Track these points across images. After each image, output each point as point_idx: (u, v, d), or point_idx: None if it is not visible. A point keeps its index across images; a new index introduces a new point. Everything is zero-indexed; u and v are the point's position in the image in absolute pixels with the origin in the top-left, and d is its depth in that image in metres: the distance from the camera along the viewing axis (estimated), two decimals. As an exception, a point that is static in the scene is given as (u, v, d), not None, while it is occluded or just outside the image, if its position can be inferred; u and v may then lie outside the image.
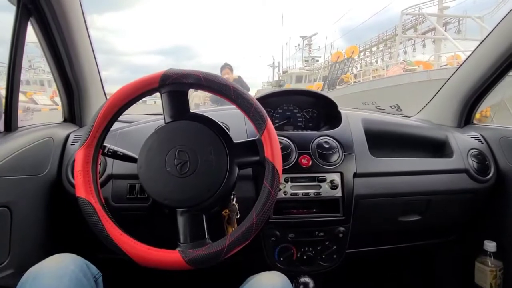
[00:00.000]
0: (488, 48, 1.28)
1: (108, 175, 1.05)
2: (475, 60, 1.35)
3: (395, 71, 12.31)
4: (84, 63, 1.15)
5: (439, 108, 1.58)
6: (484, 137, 1.36)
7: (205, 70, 0.84)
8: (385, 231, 1.30)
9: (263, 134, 0.79)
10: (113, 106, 0.80)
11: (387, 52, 18.93)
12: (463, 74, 1.43)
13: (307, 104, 1.36)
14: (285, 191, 1.09)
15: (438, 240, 1.42)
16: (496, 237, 1.28)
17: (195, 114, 0.84)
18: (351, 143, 1.17)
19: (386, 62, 16.44)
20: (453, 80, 1.49)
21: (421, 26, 14.99)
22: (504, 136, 1.30)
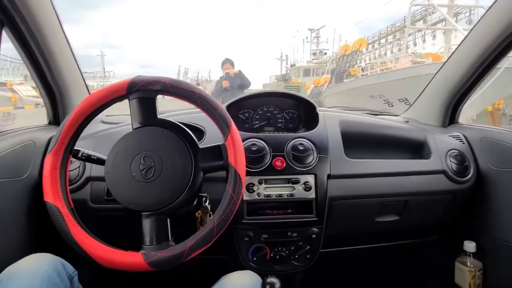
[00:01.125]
0: (468, 48, 1.27)
1: (86, 178, 1.09)
2: (456, 59, 1.34)
3: (403, 64, 12.08)
4: (63, 66, 1.18)
5: (424, 107, 1.57)
6: (466, 137, 1.35)
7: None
8: (362, 231, 1.31)
9: (227, 139, 0.82)
10: (81, 114, 0.84)
11: (396, 44, 18.57)
12: (445, 73, 1.42)
13: (288, 105, 1.37)
14: (259, 192, 1.11)
15: (419, 240, 1.43)
16: (476, 237, 1.28)
17: (162, 120, 0.87)
18: (326, 145, 1.18)
19: (395, 54, 16.14)
20: (437, 79, 1.48)
21: (431, 17, 14.60)
22: (485, 136, 1.29)
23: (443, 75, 1.43)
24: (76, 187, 1.08)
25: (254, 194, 1.11)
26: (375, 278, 1.73)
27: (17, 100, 17.34)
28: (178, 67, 73.17)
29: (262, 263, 1.14)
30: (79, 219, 0.81)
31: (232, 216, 0.78)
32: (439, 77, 1.46)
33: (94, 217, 1.11)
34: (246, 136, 1.16)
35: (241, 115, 1.36)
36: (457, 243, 1.31)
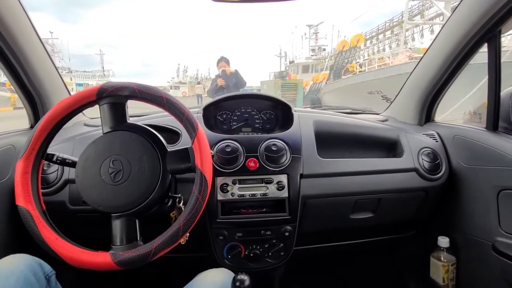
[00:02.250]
0: (439, 46, 1.29)
1: (65, 180, 1.13)
2: (429, 57, 1.37)
3: (401, 59, 12.07)
4: (40, 70, 1.21)
5: (402, 106, 1.60)
6: (440, 135, 1.38)
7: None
8: (337, 228, 1.34)
9: (194, 142, 0.85)
10: (51, 119, 0.87)
11: (394, 39, 18.52)
12: (420, 72, 1.44)
13: (265, 106, 1.39)
14: (233, 192, 1.14)
15: (394, 236, 1.46)
16: (450, 233, 1.32)
17: (132, 125, 0.91)
18: (299, 145, 1.21)
19: (393, 49, 16.12)
20: (412, 78, 1.51)
21: (428, 12, 14.59)
22: (457, 134, 1.31)
23: (418, 74, 1.45)
24: (55, 189, 1.12)
25: (228, 194, 1.14)
26: (351, 275, 1.77)
27: (16, 100, 17.37)
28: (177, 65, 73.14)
29: (237, 260, 1.18)
30: (51, 221, 0.84)
31: (199, 216, 0.81)
32: (414, 75, 1.48)
33: (73, 219, 1.14)
34: (220, 138, 1.19)
35: (219, 116, 1.39)
36: (431, 239, 1.35)
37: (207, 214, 1.13)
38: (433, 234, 1.35)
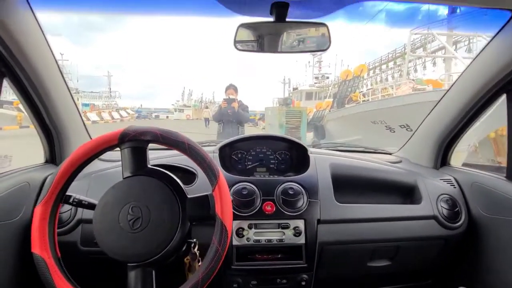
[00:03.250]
0: (458, 93, 1.30)
1: (77, 220, 1.10)
2: (447, 102, 1.37)
3: (404, 90, 12.21)
4: (61, 108, 1.22)
5: (417, 147, 1.59)
6: (457, 181, 1.36)
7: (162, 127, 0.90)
8: (354, 275, 1.30)
9: (215, 189, 0.83)
10: (73, 163, 0.86)
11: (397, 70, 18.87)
12: (437, 115, 1.44)
13: (280, 147, 1.39)
14: (248, 237, 1.11)
15: (412, 284, 1.41)
16: (470, 284, 1.26)
17: (152, 169, 0.90)
18: (316, 189, 1.19)
19: (396, 80, 16.36)
20: (429, 121, 1.51)
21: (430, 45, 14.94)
22: (476, 181, 1.29)
23: (434, 117, 1.45)
24: (67, 229, 1.09)
25: (244, 239, 1.11)
26: None
27: (22, 119, 17.56)
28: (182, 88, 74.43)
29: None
30: (65, 269, 0.82)
31: (218, 268, 0.79)
32: (430, 119, 1.48)
33: (84, 260, 1.11)
34: (236, 180, 1.18)
35: (234, 156, 1.38)
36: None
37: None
38: (453, 284, 1.29)
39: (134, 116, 37.26)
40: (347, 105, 14.48)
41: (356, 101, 14.39)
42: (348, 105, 14.29)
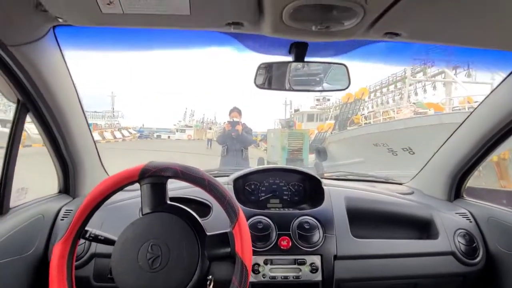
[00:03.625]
0: (474, 125, 1.30)
1: (91, 254, 1.09)
2: (462, 134, 1.37)
3: (405, 113, 12.32)
4: (79, 142, 1.24)
5: (430, 179, 1.58)
6: (473, 215, 1.34)
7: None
8: None
9: (235, 227, 0.83)
10: (93, 200, 0.86)
11: (398, 93, 19.11)
12: (450, 148, 1.44)
13: (293, 178, 1.39)
14: (264, 274, 1.09)
15: None
16: None
17: (172, 206, 0.89)
18: (332, 223, 1.18)
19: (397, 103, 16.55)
20: (442, 153, 1.50)
21: (430, 69, 15.23)
22: (492, 216, 1.28)
23: (449, 149, 1.45)
24: (80, 264, 1.07)
25: (260, 276, 1.09)
26: None
27: (25, 138, 17.69)
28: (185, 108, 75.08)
29: None
30: None
31: None
32: (444, 150, 1.48)
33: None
34: (252, 213, 1.17)
35: (247, 187, 1.37)
36: None
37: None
38: None
39: (136, 135, 37.39)
40: (349, 127, 14.58)
41: (358, 123, 14.50)
42: (350, 127, 14.39)
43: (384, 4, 0.68)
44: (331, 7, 0.69)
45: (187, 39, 1.04)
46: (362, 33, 0.82)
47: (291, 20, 0.74)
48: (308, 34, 0.83)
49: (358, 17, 0.72)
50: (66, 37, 0.94)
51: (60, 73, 1.04)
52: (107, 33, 0.94)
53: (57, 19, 0.80)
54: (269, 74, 1.01)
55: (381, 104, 20.03)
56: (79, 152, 1.25)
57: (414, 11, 0.72)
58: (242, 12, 0.74)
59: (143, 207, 0.88)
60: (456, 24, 0.78)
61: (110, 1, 0.66)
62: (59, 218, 1.17)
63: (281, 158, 10.86)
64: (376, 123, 12.80)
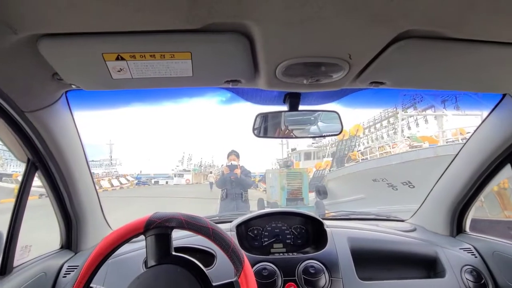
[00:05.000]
0: (464, 162, 1.35)
1: None
2: (456, 170, 1.41)
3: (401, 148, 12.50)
4: (84, 198, 1.27)
5: (430, 214, 1.58)
6: (478, 250, 1.33)
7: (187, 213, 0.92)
8: None
9: (241, 276, 0.82)
10: (98, 255, 0.86)
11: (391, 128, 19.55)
12: (446, 183, 1.47)
13: (295, 221, 1.40)
14: None
15: None
16: None
17: (177, 257, 0.89)
18: (337, 266, 1.17)
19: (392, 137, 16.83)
20: (439, 188, 1.53)
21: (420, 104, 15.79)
22: (497, 250, 1.27)
23: (445, 184, 1.48)
24: None
25: None
26: None
27: (16, 190, 17.34)
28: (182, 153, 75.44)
29: None
30: None
31: None
32: (441, 185, 1.51)
33: None
34: (256, 260, 1.16)
35: (250, 233, 1.38)
36: None
37: None
38: None
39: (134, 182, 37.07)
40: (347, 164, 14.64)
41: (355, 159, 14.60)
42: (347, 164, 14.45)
43: (366, 59, 0.75)
44: (319, 64, 0.76)
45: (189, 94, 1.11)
46: (349, 83, 0.90)
47: (284, 76, 0.81)
48: (300, 87, 0.90)
49: (344, 71, 0.80)
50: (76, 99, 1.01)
51: (70, 134, 1.10)
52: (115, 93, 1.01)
53: (70, 86, 0.87)
54: (266, 123, 1.07)
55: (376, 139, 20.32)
56: (83, 207, 1.27)
57: (395, 63, 0.79)
58: (239, 71, 0.82)
59: (148, 259, 0.88)
60: (435, 72, 0.86)
61: (120, 69, 0.74)
62: (61, 275, 1.15)
63: (281, 198, 10.73)
64: (373, 159, 12.89)
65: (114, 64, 0.72)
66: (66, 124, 1.06)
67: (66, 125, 1.07)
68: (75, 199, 1.22)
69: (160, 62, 0.73)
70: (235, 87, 0.92)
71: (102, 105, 1.09)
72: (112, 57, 0.70)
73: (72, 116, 1.08)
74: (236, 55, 0.73)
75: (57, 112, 1.00)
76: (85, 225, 1.30)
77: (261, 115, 1.07)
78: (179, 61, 0.73)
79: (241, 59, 0.75)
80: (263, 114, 1.07)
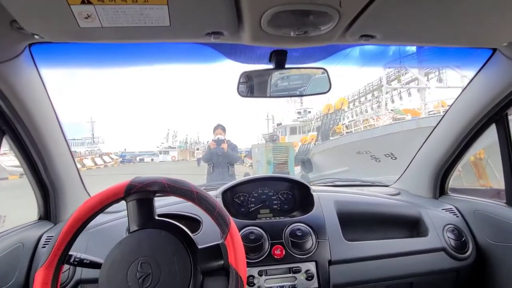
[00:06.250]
0: (450, 123, 1.35)
1: (76, 281, 1.03)
2: (440, 133, 1.42)
3: (385, 120, 12.68)
4: (59, 164, 1.19)
5: (414, 179, 1.61)
6: (459, 210, 1.37)
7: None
8: None
9: (227, 238, 0.81)
10: (76, 221, 0.82)
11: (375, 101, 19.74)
12: (430, 147, 1.49)
13: (282, 186, 1.38)
14: (259, 285, 1.06)
15: None
16: None
17: (160, 221, 0.86)
18: (324, 228, 1.17)
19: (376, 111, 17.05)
20: (423, 151, 1.54)
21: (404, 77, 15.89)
22: (477, 209, 1.31)
23: (429, 148, 1.49)
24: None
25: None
26: None
27: (0, 171, 16.87)
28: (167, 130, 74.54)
29: None
30: None
31: None
32: (425, 149, 1.52)
33: None
34: (243, 225, 1.15)
35: (236, 199, 1.36)
36: None
37: None
38: None
39: (118, 161, 36.60)
40: (332, 137, 14.82)
41: (339, 133, 14.76)
42: (332, 138, 14.62)
43: (357, 7, 0.70)
44: (307, 12, 0.71)
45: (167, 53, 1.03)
46: (338, 37, 0.85)
47: (270, 27, 0.76)
48: (287, 41, 0.85)
49: (333, 21, 0.74)
50: (42, 55, 0.92)
51: (37, 92, 1.01)
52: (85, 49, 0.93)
53: (33, 36, 0.78)
54: (251, 82, 1.02)
55: (360, 113, 20.55)
56: (60, 175, 1.20)
57: (387, 13, 0.75)
58: (221, 21, 0.75)
59: (130, 224, 0.85)
60: (427, 25, 0.82)
61: (88, 15, 0.66)
62: (40, 246, 1.11)
63: (267, 172, 10.87)
64: (358, 132, 13.07)
65: (80, 8, 0.64)
66: (32, 82, 0.97)
67: (32, 83, 0.98)
68: (50, 165, 1.15)
69: (132, 7, 0.65)
70: (218, 43, 0.85)
71: (71, 63, 1.00)
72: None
73: (38, 73, 0.98)
74: (217, 2, 0.67)
75: (21, 68, 0.91)
76: (64, 195, 1.24)
77: (245, 73, 1.01)
78: (154, 6, 0.66)
79: (223, 7, 0.69)
80: (248, 73, 1.01)
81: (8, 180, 14.96)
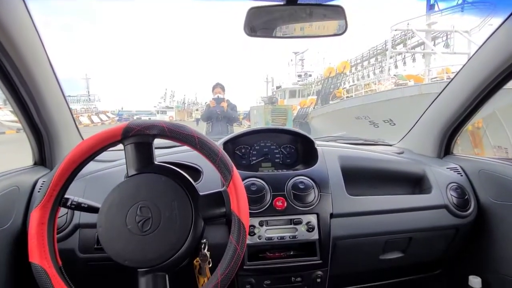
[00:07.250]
0: (463, 81, 1.29)
1: (75, 225, 1.02)
2: (451, 91, 1.36)
3: (386, 86, 12.50)
4: (52, 107, 1.13)
5: (419, 138, 1.57)
6: (464, 169, 1.35)
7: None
8: (367, 270, 1.26)
9: (229, 185, 0.77)
10: (71, 162, 0.78)
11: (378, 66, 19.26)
12: (440, 105, 1.43)
13: (285, 140, 1.34)
14: (260, 235, 1.06)
15: (422, 275, 1.39)
16: (481, 272, 1.25)
17: (160, 166, 0.82)
18: (327, 182, 1.15)
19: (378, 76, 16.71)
20: (431, 111, 1.49)
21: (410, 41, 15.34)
22: (483, 169, 1.28)
23: (438, 107, 1.44)
24: (63, 235, 1.00)
25: (255, 237, 1.05)
26: None
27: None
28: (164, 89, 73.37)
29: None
30: (67, 278, 0.74)
31: (237, 269, 0.73)
32: (433, 108, 1.47)
33: (84, 268, 1.03)
34: (245, 176, 1.12)
35: (237, 151, 1.32)
36: (461, 278, 1.28)
37: None
38: (463, 273, 1.28)
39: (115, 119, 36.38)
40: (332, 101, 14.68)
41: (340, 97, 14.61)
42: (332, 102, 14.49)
43: None
44: None
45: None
46: None
47: None
48: None
49: None
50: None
51: (26, 29, 0.92)
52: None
53: None
54: (260, 19, 0.93)
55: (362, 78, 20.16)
56: (53, 118, 1.14)
57: None
58: None
59: (128, 169, 0.81)
60: None
61: None
62: (36, 190, 1.08)
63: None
64: (358, 96, 12.91)
65: None
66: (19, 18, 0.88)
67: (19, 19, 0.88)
68: (42, 108, 1.08)
69: None
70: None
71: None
72: None
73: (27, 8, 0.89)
74: None
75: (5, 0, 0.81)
76: (58, 139, 1.19)
77: (253, 9, 0.91)
78: None
79: None
80: (255, 9, 0.92)
81: (5, 135, 14.90)
